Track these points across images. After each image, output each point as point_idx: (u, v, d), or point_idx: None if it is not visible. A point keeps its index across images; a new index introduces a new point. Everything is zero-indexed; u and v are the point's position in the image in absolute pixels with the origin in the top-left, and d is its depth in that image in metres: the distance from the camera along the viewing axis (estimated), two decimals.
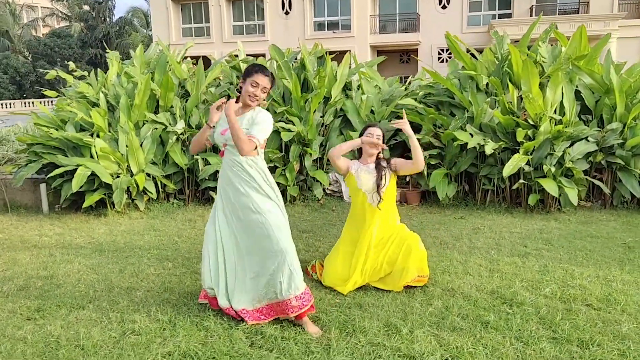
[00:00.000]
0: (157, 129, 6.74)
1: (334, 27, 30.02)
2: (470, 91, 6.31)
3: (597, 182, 5.96)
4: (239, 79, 7.59)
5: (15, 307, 3.68)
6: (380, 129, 3.96)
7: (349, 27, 29.46)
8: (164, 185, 6.78)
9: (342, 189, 6.74)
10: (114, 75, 7.24)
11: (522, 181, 5.89)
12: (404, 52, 30.37)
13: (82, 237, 5.50)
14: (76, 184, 5.94)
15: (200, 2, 32.13)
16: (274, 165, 6.60)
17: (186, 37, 32.68)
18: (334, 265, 3.95)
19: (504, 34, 6.93)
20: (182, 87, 7.33)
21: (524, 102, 5.96)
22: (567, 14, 26.96)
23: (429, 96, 6.79)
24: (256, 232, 3.23)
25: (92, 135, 6.63)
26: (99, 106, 6.85)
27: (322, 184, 6.64)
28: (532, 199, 5.85)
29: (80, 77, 7.60)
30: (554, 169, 5.73)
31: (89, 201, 6.20)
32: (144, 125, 6.81)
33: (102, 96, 6.87)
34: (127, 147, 6.41)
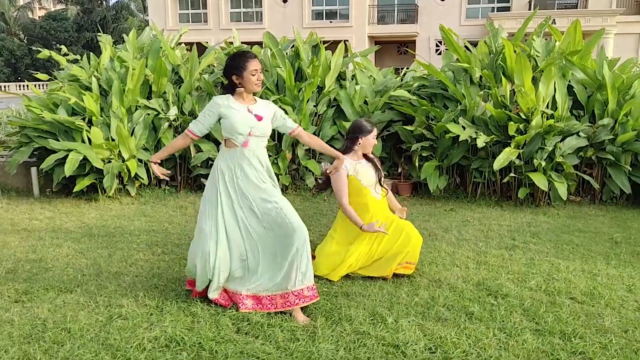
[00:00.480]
0: (149, 114, 6.73)
1: (332, 16, 29.90)
2: (463, 84, 6.32)
3: (587, 178, 6.00)
4: None
5: (2, 289, 3.69)
6: (374, 126, 4.00)
7: (347, 17, 29.35)
8: None
9: None
10: (106, 59, 7.20)
11: (513, 175, 5.92)
12: (402, 43, 30.29)
13: (73, 222, 5.50)
14: (68, 169, 5.93)
15: None
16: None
17: (183, 23, 32.44)
18: (327, 255, 3.95)
19: (499, 27, 6.92)
20: (176, 73, 7.30)
21: (516, 95, 5.98)
22: (566, 8, 26.92)
23: (423, 88, 6.79)
24: (274, 220, 3.25)
25: (84, 119, 6.61)
26: (91, 90, 6.82)
27: (314, 174, 6.65)
28: (522, 193, 5.89)
29: (73, 61, 7.55)
30: (545, 164, 5.77)
31: (79, 185, 6.20)
32: (136, 110, 6.79)
33: (94, 80, 6.84)
34: (118, 132, 6.38)
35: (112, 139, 6.41)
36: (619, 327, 3.15)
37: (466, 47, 6.92)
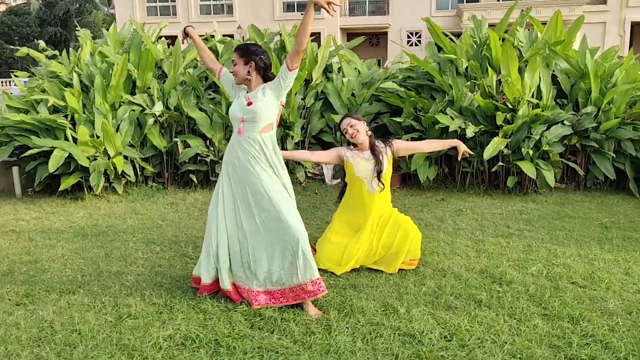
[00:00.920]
0: (134, 110, 6.60)
1: (303, 8, 29.76)
2: (450, 75, 6.38)
3: (573, 165, 6.14)
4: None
5: (2, 292, 3.59)
6: (347, 118, 3.90)
7: (318, 9, 29.11)
8: (142, 168, 6.67)
9: (323, 172, 6.76)
10: (87, 54, 7.03)
11: (501, 164, 6.02)
12: (374, 35, 30.41)
13: (61, 221, 5.38)
14: (52, 166, 5.79)
15: None
16: None
17: (151, 15, 31.97)
18: (327, 248, 3.96)
19: (482, 18, 7.00)
20: (159, 67, 7.18)
21: (502, 86, 6.07)
22: None
23: (409, 79, 6.84)
24: (267, 214, 3.21)
25: (67, 117, 6.46)
26: (72, 86, 6.66)
27: (304, 167, 6.65)
28: (511, 181, 6.00)
29: (52, 57, 7.35)
30: (532, 152, 5.88)
31: (65, 184, 6.06)
32: (120, 106, 6.66)
33: (75, 76, 6.67)
34: (103, 129, 6.25)
35: (97, 136, 6.28)
36: (622, 309, 3.25)
37: (450, 39, 6.98)
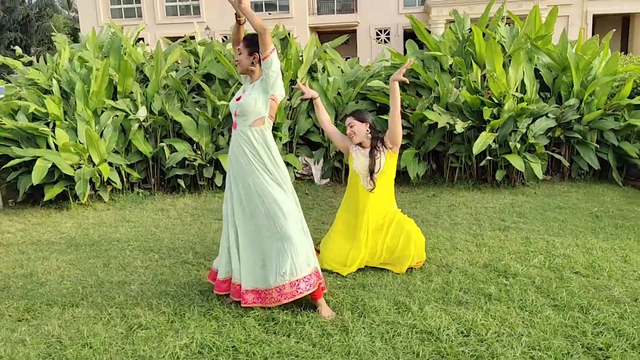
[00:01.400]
0: (117, 116, 6.47)
1: (271, 8, 29.69)
2: (435, 71, 6.44)
3: (558, 156, 6.27)
4: (196, 62, 7.41)
5: (1, 308, 3.48)
6: (350, 117, 3.90)
7: (287, 8, 29.21)
8: (127, 174, 6.54)
9: (312, 172, 6.75)
10: (65, 60, 6.85)
11: (489, 158, 6.10)
12: (342, 32, 30.42)
13: (50, 232, 5.23)
14: (37, 177, 5.63)
15: None
16: None
17: (115, 18, 31.36)
18: (331, 248, 3.96)
19: (464, 14, 7.08)
20: (140, 71, 7.05)
21: (487, 81, 6.16)
22: None
23: None
24: (256, 212, 3.19)
25: (48, 124, 6.29)
26: (52, 93, 6.49)
27: (293, 168, 6.62)
28: (499, 175, 6.09)
29: (28, 63, 7.15)
30: (519, 145, 5.98)
31: (49, 194, 5.90)
32: (102, 112, 6.52)
33: (54, 83, 6.50)
34: (87, 136, 6.11)
35: (81, 143, 6.13)
36: (627, 296, 3.32)
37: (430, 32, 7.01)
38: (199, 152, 6.47)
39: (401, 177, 6.70)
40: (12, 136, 6.14)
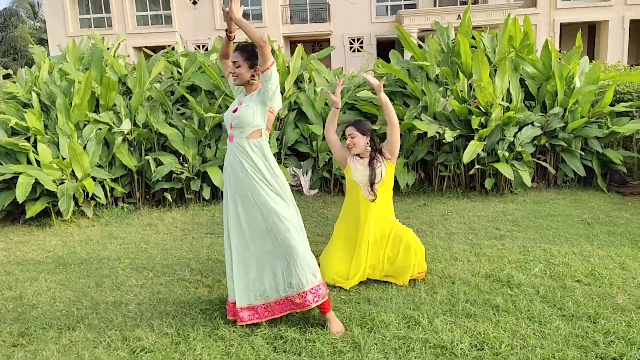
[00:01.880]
0: (101, 129, 6.31)
1: (244, 17, 29.50)
2: (422, 81, 6.47)
3: (544, 164, 6.34)
4: (179, 74, 7.30)
5: None
6: (352, 127, 3.90)
7: (260, 17, 29.16)
8: (111, 189, 6.37)
9: (301, 183, 6.69)
10: (45, 72, 6.66)
11: (478, 166, 6.14)
12: (316, 42, 30.55)
13: (35, 251, 5.05)
14: (21, 194, 5.45)
15: None
16: None
17: (85, 28, 30.85)
18: (331, 262, 3.90)
19: (448, 25, 7.14)
20: (123, 83, 6.90)
21: (474, 90, 6.21)
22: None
23: None
24: (256, 225, 3.13)
25: (28, 139, 6.10)
26: (32, 107, 6.30)
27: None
28: (489, 183, 6.13)
29: (5, 76, 6.92)
30: (507, 154, 6.03)
31: (32, 211, 5.70)
32: (85, 126, 6.35)
33: (34, 96, 6.32)
34: (71, 150, 5.94)
35: (63, 158, 5.96)
36: (631, 304, 3.35)
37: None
38: (186, 165, 6.35)
39: None
40: None
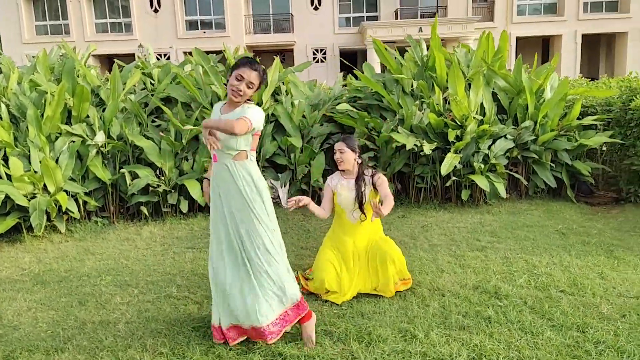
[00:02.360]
0: (74, 142, 6.15)
1: (207, 26, 29.40)
2: (399, 94, 6.57)
3: (517, 175, 6.53)
4: (152, 85, 7.19)
5: None
6: (342, 142, 3.91)
7: (223, 27, 29.05)
8: (84, 203, 6.20)
9: (279, 195, 6.67)
10: (14, 83, 6.45)
11: (454, 178, 6.27)
12: (279, 52, 30.59)
13: (9, 269, 4.86)
14: None
15: None
16: None
17: (41, 35, 30.15)
18: (322, 274, 3.89)
19: (420, 40, 7.28)
20: (96, 94, 6.75)
21: (450, 103, 6.35)
22: (429, 17, 28.91)
23: (358, 100, 6.95)
24: (235, 248, 3.09)
25: None
26: (1, 119, 6.08)
27: None
28: (465, 194, 6.26)
29: None
30: (482, 166, 6.18)
31: (2, 227, 5.50)
32: (57, 138, 6.18)
33: (3, 107, 6.10)
34: (43, 164, 5.76)
35: (35, 171, 5.77)
36: (615, 312, 3.48)
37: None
38: (163, 178, 6.25)
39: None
40: None
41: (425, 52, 7.06)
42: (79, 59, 7.27)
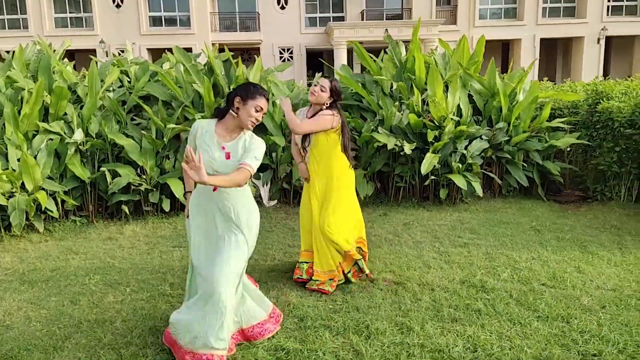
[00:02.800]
0: (52, 139, 6.04)
1: (170, 23, 29.01)
2: (378, 95, 6.71)
3: (491, 175, 6.76)
4: (129, 82, 7.11)
5: None
6: (328, 81, 3.90)
7: (188, 24, 28.73)
8: (62, 202, 6.10)
9: (261, 194, 6.71)
10: None
11: (433, 177, 6.45)
12: (246, 50, 30.46)
13: None
14: None
15: None
16: None
17: None
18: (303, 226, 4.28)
19: (399, 42, 7.44)
20: (73, 92, 6.63)
21: (428, 105, 6.52)
22: (393, 19, 29.31)
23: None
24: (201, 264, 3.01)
25: None
26: None
27: None
28: (443, 193, 6.45)
29: None
30: (460, 165, 6.38)
31: None
32: (34, 136, 6.06)
33: None
34: (22, 162, 5.65)
35: (13, 170, 5.65)
36: (596, 304, 3.69)
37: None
38: (144, 177, 6.20)
39: None
40: None
41: (403, 54, 7.22)
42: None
